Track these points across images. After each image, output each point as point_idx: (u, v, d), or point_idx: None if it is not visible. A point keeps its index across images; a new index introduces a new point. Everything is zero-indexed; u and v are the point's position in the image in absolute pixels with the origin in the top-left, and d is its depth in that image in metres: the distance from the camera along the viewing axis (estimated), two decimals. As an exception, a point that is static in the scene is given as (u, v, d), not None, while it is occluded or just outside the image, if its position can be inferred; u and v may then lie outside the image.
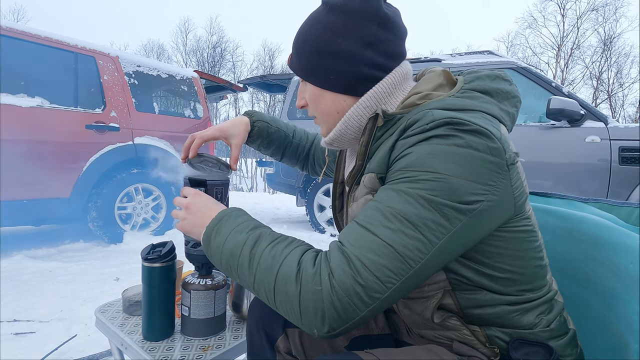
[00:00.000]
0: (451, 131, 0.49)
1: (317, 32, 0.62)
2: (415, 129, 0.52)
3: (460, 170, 0.48)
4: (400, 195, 0.49)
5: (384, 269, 0.46)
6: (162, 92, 4.31)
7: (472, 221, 0.49)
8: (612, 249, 0.60)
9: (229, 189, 0.83)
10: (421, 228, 0.47)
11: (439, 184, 0.47)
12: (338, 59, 0.61)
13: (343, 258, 0.48)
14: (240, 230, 0.57)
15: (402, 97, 0.63)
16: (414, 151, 0.50)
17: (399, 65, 0.64)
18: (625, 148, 2.70)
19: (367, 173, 0.58)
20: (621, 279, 0.57)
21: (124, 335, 0.82)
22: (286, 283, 0.49)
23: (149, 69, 3.61)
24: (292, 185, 4.25)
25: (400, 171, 0.51)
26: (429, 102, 0.57)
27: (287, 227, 4.23)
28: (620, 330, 0.57)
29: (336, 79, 0.62)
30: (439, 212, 0.47)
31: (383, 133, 0.58)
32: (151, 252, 0.81)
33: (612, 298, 0.59)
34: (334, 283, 0.46)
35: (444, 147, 0.49)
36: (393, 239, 0.47)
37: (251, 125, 0.92)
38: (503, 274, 0.55)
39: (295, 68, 0.68)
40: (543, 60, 21.31)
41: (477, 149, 0.49)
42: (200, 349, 0.77)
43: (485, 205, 0.49)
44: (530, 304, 0.56)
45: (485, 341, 0.56)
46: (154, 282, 0.79)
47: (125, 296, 0.94)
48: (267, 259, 0.52)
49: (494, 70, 0.64)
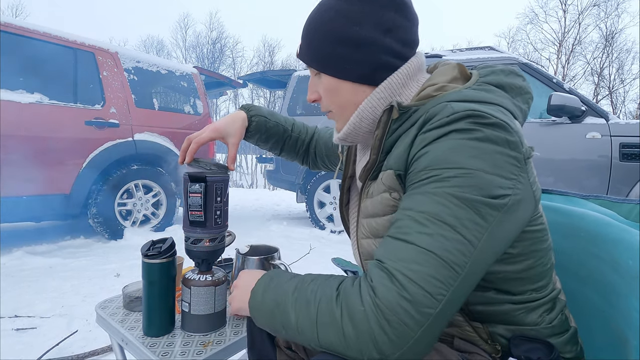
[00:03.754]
0: (471, 125, 0.47)
1: (331, 19, 0.59)
2: (434, 122, 0.50)
3: (484, 164, 0.46)
4: (429, 197, 0.46)
5: (430, 279, 0.42)
6: (161, 88, 4.30)
7: (504, 217, 0.47)
8: (612, 245, 0.60)
9: (229, 186, 0.82)
10: (459, 228, 0.44)
11: (466, 180, 0.45)
12: (356, 47, 0.58)
13: (383, 273, 0.45)
14: (282, 282, 0.55)
15: (416, 89, 0.61)
16: (434, 148, 0.48)
17: (415, 56, 0.62)
18: (626, 144, 2.70)
19: (385, 170, 0.56)
20: (621, 275, 0.57)
21: (124, 331, 0.82)
22: (327, 311, 0.46)
23: (148, 65, 3.60)
24: (292, 182, 4.25)
25: (423, 171, 0.49)
26: (446, 94, 0.55)
27: (287, 224, 4.23)
28: (620, 327, 0.57)
29: (355, 68, 0.60)
30: (473, 209, 0.45)
31: (399, 126, 0.56)
32: (151, 248, 0.80)
33: (612, 294, 0.59)
34: (377, 301, 0.43)
35: (465, 142, 0.47)
36: (433, 245, 0.44)
37: (249, 120, 0.90)
38: (514, 273, 0.54)
39: (306, 59, 0.64)
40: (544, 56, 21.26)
41: (497, 143, 0.47)
42: (200, 345, 0.77)
43: (513, 200, 0.47)
44: (535, 302, 0.56)
45: (487, 338, 0.56)
46: (154, 278, 0.79)
47: (125, 292, 0.94)
48: (307, 295, 0.50)
49: (507, 66, 0.62)
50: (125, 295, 0.93)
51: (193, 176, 0.77)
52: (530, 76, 3.12)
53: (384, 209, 0.57)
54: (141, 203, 3.46)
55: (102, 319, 0.90)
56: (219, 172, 0.79)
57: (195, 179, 0.76)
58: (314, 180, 3.97)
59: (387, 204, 0.56)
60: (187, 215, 0.77)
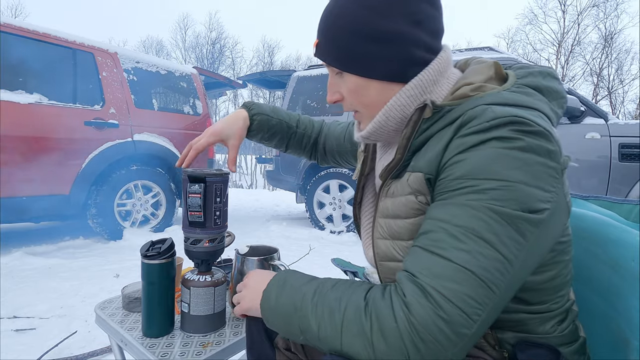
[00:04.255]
0: (513, 133, 0.44)
1: (355, 13, 0.54)
2: (473, 126, 0.47)
3: (525, 176, 0.43)
4: (466, 209, 0.44)
5: (467, 299, 0.41)
6: (161, 89, 4.30)
7: (541, 232, 0.45)
8: (613, 246, 0.60)
9: (229, 186, 0.82)
10: (497, 245, 0.42)
11: (506, 193, 0.43)
12: (384, 43, 0.54)
13: (417, 289, 0.42)
14: (298, 286, 0.53)
15: (447, 86, 0.58)
16: (472, 156, 0.46)
17: (443, 50, 0.58)
18: (625, 145, 2.70)
19: (413, 171, 0.53)
20: (622, 276, 0.57)
21: (123, 332, 0.82)
22: (354, 321, 0.44)
23: (148, 66, 3.60)
24: (291, 182, 4.25)
25: (459, 180, 0.46)
26: (484, 95, 0.51)
27: (286, 224, 4.23)
28: (621, 328, 0.57)
29: (384, 65, 0.55)
30: (512, 225, 0.43)
31: (429, 126, 0.53)
32: (151, 248, 0.80)
33: (613, 295, 0.59)
34: (412, 319, 0.41)
35: (507, 151, 0.44)
36: (471, 262, 0.42)
37: (250, 119, 0.89)
38: (536, 284, 0.52)
39: (327, 58, 0.59)
40: (543, 57, 21.26)
41: (539, 153, 0.45)
42: (200, 346, 0.77)
43: (549, 214, 0.45)
44: (550, 313, 0.54)
45: (494, 344, 0.54)
46: (153, 278, 0.79)
47: (125, 293, 0.94)
48: (331, 302, 0.47)
49: (544, 67, 0.58)
50: (125, 296, 0.93)
51: (192, 176, 0.76)
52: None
53: (408, 211, 0.54)
54: (140, 203, 3.46)
55: (101, 320, 0.90)
56: (219, 172, 0.79)
57: (195, 179, 0.76)
58: (314, 181, 3.97)
59: (412, 207, 0.53)
60: (186, 216, 0.77)
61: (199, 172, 0.77)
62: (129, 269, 2.50)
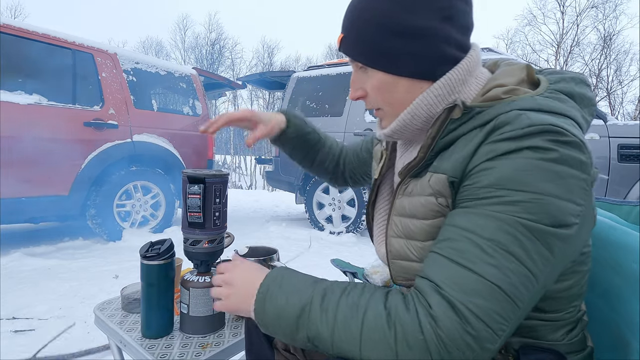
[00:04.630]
0: (548, 143, 0.43)
1: (382, 7, 0.53)
2: (505, 133, 0.45)
3: (557, 189, 0.42)
4: (494, 221, 0.43)
5: (494, 315, 0.40)
6: (160, 90, 4.30)
7: (568, 246, 0.44)
8: (615, 248, 0.60)
9: (228, 187, 0.82)
10: (525, 261, 0.41)
11: (537, 206, 0.42)
12: (414, 38, 0.52)
13: (445, 303, 0.42)
14: (300, 288, 0.50)
15: (476, 85, 0.56)
16: (503, 164, 0.44)
17: (472, 48, 0.56)
18: (624, 145, 2.71)
19: (435, 172, 0.51)
20: (623, 278, 0.57)
21: (122, 333, 0.82)
22: (376, 330, 0.43)
23: (147, 66, 3.60)
24: (291, 183, 4.25)
25: (487, 189, 0.44)
26: (517, 99, 0.49)
27: (286, 225, 4.23)
28: (622, 329, 0.57)
29: (413, 62, 0.54)
30: (542, 240, 0.42)
31: (457, 127, 0.51)
32: (150, 249, 0.80)
33: (614, 297, 0.59)
34: (440, 333, 0.40)
35: (540, 163, 0.42)
36: (500, 278, 0.41)
37: (287, 121, 0.87)
38: (553, 293, 0.51)
39: (352, 53, 0.57)
40: (542, 58, 21.29)
41: (572, 165, 0.43)
42: (199, 347, 0.77)
43: (577, 228, 0.44)
44: (562, 322, 0.53)
45: (501, 348, 0.53)
46: (152, 279, 0.79)
47: (124, 294, 0.94)
48: (345, 309, 0.46)
49: (576, 73, 0.57)
50: (124, 296, 0.93)
51: (192, 177, 0.76)
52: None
53: (426, 212, 0.53)
54: (140, 204, 3.45)
55: (100, 321, 0.90)
56: (218, 173, 0.79)
57: (194, 180, 0.76)
58: (313, 182, 3.97)
59: (431, 208, 0.52)
60: (185, 217, 0.77)
61: (199, 173, 0.77)
62: (128, 269, 2.50)
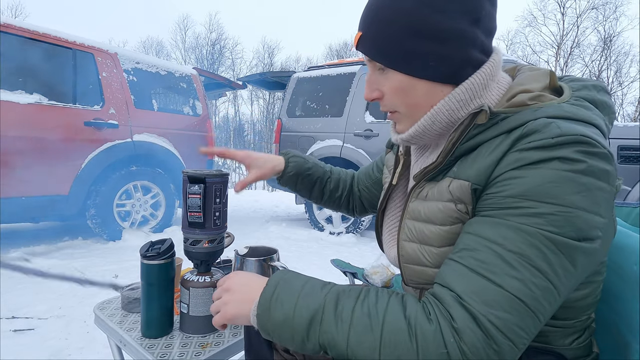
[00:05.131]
0: (578, 154, 0.42)
1: (409, 7, 0.50)
2: (535, 141, 0.44)
3: (585, 202, 0.42)
4: (520, 234, 0.42)
5: (516, 329, 0.40)
6: (161, 90, 4.30)
7: (590, 260, 0.44)
8: (615, 250, 0.60)
9: (228, 187, 0.82)
10: (550, 276, 0.41)
11: (564, 219, 0.41)
12: (441, 41, 0.50)
13: (468, 316, 0.41)
14: (310, 292, 0.48)
15: (498, 90, 0.55)
16: (531, 174, 0.43)
17: (494, 52, 0.55)
18: (624, 147, 2.71)
19: (456, 178, 0.50)
20: (624, 280, 0.57)
21: (122, 333, 0.82)
22: (397, 343, 0.42)
23: (148, 66, 3.60)
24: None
25: (513, 199, 0.43)
26: (543, 106, 0.48)
27: (286, 225, 4.23)
28: (622, 331, 0.57)
29: (436, 65, 0.51)
30: (566, 254, 0.41)
31: (480, 132, 0.49)
32: (150, 249, 0.80)
33: (614, 298, 0.59)
34: (463, 348, 0.40)
35: (569, 175, 0.42)
36: (524, 292, 0.40)
37: (286, 161, 0.88)
38: (568, 302, 0.51)
39: (371, 53, 0.55)
40: (543, 59, 21.31)
41: (600, 178, 0.43)
42: (199, 346, 0.77)
43: (601, 240, 0.44)
44: (572, 328, 0.53)
45: None
46: (152, 279, 0.79)
47: (124, 293, 0.94)
48: (362, 318, 0.44)
49: (597, 81, 0.57)
50: (124, 296, 0.93)
51: (192, 177, 0.76)
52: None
53: (444, 218, 0.52)
54: (140, 204, 3.45)
55: (100, 320, 0.90)
56: (218, 173, 0.79)
57: (195, 180, 0.76)
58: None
59: (450, 214, 0.51)
60: (186, 217, 0.77)
61: (199, 173, 0.77)
62: (128, 269, 2.50)
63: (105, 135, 3.12)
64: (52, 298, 1.98)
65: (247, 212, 5.64)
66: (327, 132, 3.97)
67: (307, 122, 4.15)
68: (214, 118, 17.11)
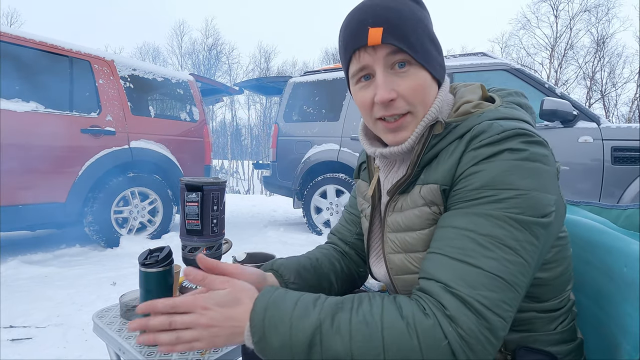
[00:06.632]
0: (521, 144, 0.49)
1: (423, 16, 0.58)
2: (484, 139, 0.51)
3: (535, 183, 0.48)
4: (488, 219, 0.47)
5: (502, 304, 0.44)
6: (157, 96, 4.31)
7: (549, 232, 0.49)
8: (606, 252, 0.61)
9: (225, 192, 0.83)
10: (520, 251, 0.46)
11: (523, 201, 0.47)
12: (438, 47, 0.60)
13: (459, 302, 0.44)
14: (303, 311, 0.47)
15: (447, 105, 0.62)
16: (487, 167, 0.49)
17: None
18: (618, 148, 2.73)
19: (425, 184, 0.56)
20: (614, 281, 0.59)
21: (121, 340, 0.82)
22: (400, 344, 0.43)
23: (144, 73, 3.61)
24: (289, 188, 4.25)
25: (477, 191, 0.49)
26: (484, 112, 0.56)
27: (284, 230, 4.23)
28: (613, 332, 0.58)
29: (441, 67, 0.60)
30: (529, 231, 0.47)
31: (438, 141, 0.56)
32: (148, 256, 0.81)
33: (605, 300, 0.61)
34: (461, 332, 0.42)
35: (518, 162, 0.48)
36: (501, 270, 0.45)
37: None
38: (548, 280, 0.55)
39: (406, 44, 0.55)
40: (537, 61, 21.50)
41: (542, 161, 0.49)
42: (197, 353, 0.77)
43: (554, 215, 0.49)
44: (556, 312, 0.57)
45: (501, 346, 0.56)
46: (151, 286, 0.79)
47: (122, 301, 0.94)
48: (360, 328, 0.45)
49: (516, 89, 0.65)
50: (122, 304, 0.93)
51: (190, 185, 0.77)
52: (523, 81, 3.16)
53: (422, 222, 0.57)
54: (137, 211, 3.45)
55: (99, 328, 0.90)
56: (216, 181, 0.80)
57: (192, 188, 0.77)
58: (311, 186, 3.98)
59: (427, 217, 0.56)
60: (184, 224, 0.77)
61: (196, 181, 0.78)
62: (126, 276, 2.49)
63: (102, 142, 3.12)
64: (50, 306, 1.98)
65: (245, 217, 5.63)
66: (323, 137, 3.98)
67: (303, 126, 4.17)
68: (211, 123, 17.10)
